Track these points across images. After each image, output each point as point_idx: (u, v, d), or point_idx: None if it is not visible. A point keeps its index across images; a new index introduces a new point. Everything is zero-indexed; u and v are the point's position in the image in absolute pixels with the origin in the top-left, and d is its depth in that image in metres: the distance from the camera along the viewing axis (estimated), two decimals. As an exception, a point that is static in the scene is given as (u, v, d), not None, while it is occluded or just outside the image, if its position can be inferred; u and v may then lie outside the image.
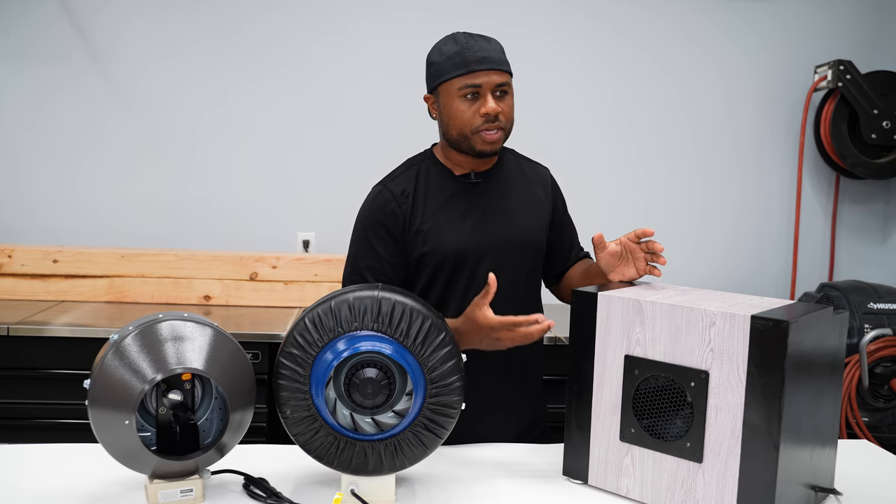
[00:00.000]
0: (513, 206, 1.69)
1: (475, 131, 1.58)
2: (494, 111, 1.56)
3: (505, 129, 1.60)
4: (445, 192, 1.66)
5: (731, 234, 3.42)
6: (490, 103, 1.55)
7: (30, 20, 3.04)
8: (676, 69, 3.32)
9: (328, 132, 3.19)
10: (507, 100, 1.59)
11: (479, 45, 1.58)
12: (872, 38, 3.39)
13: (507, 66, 1.60)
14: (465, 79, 1.56)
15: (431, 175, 1.67)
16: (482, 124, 1.57)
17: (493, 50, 1.59)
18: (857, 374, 2.80)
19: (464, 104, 1.57)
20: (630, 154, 3.34)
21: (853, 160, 3.24)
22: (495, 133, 1.58)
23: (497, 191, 1.69)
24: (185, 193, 3.16)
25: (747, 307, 1.27)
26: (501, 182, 1.70)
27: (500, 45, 1.62)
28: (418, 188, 1.66)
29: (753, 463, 1.21)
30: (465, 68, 1.56)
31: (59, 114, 3.09)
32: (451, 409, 1.28)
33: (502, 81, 1.57)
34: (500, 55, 1.60)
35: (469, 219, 1.65)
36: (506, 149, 1.77)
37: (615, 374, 1.37)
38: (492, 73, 1.56)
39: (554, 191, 1.80)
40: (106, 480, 1.37)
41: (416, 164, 1.71)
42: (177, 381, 1.30)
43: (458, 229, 1.63)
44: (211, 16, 3.11)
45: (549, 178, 1.80)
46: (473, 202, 1.66)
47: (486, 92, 1.56)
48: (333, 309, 1.26)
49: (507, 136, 1.63)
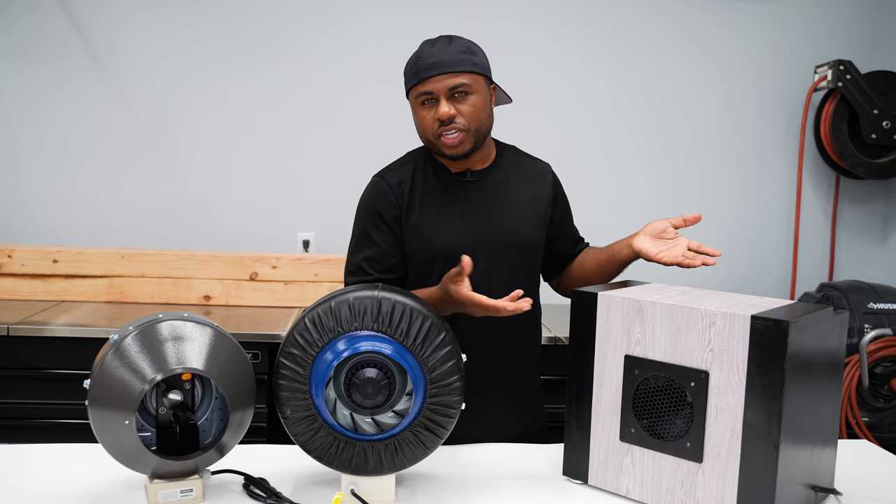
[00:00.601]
0: (509, 204, 1.68)
1: (436, 136, 1.58)
2: (445, 115, 1.55)
3: (468, 130, 1.58)
4: (441, 189, 1.66)
5: (731, 234, 3.41)
6: (442, 108, 1.55)
7: (29, 20, 3.04)
8: (676, 69, 3.32)
9: (328, 132, 3.19)
10: (468, 100, 1.57)
11: (433, 52, 1.57)
12: (872, 38, 3.39)
13: (465, 67, 1.57)
14: (419, 87, 1.58)
15: (429, 171, 1.68)
16: (438, 128, 1.57)
17: (449, 52, 1.57)
18: (857, 374, 2.80)
19: (423, 111, 1.59)
20: (630, 154, 3.34)
21: (853, 160, 3.24)
22: (454, 136, 1.57)
23: (493, 189, 1.68)
24: (185, 193, 3.16)
25: (747, 307, 1.27)
26: (499, 180, 1.69)
27: (464, 46, 1.60)
28: (415, 182, 1.66)
29: (753, 463, 1.21)
30: (416, 77, 1.58)
31: (58, 113, 3.09)
32: (451, 409, 1.28)
33: (456, 84, 1.55)
34: (458, 55, 1.57)
35: (463, 217, 1.65)
36: (506, 146, 1.77)
37: (615, 374, 1.37)
38: (443, 78, 1.55)
39: (555, 187, 1.78)
40: (106, 480, 1.37)
41: (414, 158, 1.71)
42: (177, 381, 1.30)
43: (452, 227, 1.63)
44: (209, 15, 3.11)
45: (549, 175, 1.79)
46: (468, 200, 1.66)
47: (439, 97, 1.56)
48: (333, 309, 1.26)
49: (476, 137, 1.60)
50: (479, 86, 1.59)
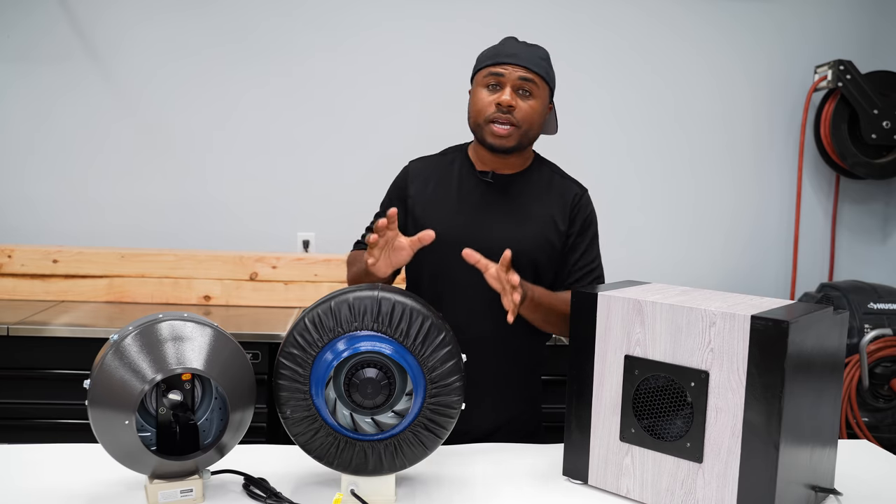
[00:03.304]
0: (519, 216, 1.66)
1: (487, 121, 1.60)
2: (507, 102, 1.57)
3: (519, 128, 1.59)
4: (458, 182, 1.68)
5: (730, 234, 3.42)
6: (506, 94, 1.58)
7: (31, 22, 3.04)
8: (678, 69, 3.32)
9: (328, 133, 3.18)
10: (529, 101, 1.60)
11: (516, 46, 1.62)
12: (872, 38, 3.39)
13: (540, 69, 1.61)
14: (493, 67, 1.60)
15: (456, 164, 1.71)
16: (493, 113, 1.58)
17: (531, 52, 1.62)
18: (857, 374, 2.80)
19: (484, 92, 1.61)
20: (630, 154, 3.34)
21: (853, 160, 3.24)
22: (506, 128, 1.58)
23: (507, 196, 1.67)
24: (186, 193, 3.16)
25: (747, 307, 1.27)
26: (518, 189, 1.68)
27: (544, 54, 1.64)
28: (434, 174, 1.70)
29: (753, 463, 1.21)
30: (493, 59, 1.61)
31: (60, 115, 3.09)
32: (451, 409, 1.28)
33: (527, 77, 1.58)
34: (538, 59, 1.62)
35: (468, 215, 1.65)
36: (543, 161, 1.76)
37: (615, 374, 1.37)
38: (518, 69, 1.58)
39: (577, 209, 1.71)
40: (106, 480, 1.37)
41: (450, 153, 1.75)
42: (177, 381, 1.30)
43: (455, 221, 1.63)
44: (208, 16, 3.11)
45: (573, 196, 1.72)
46: (478, 200, 1.66)
47: (506, 83, 1.59)
48: (333, 309, 1.26)
49: (523, 139, 1.61)
50: (543, 93, 1.63)
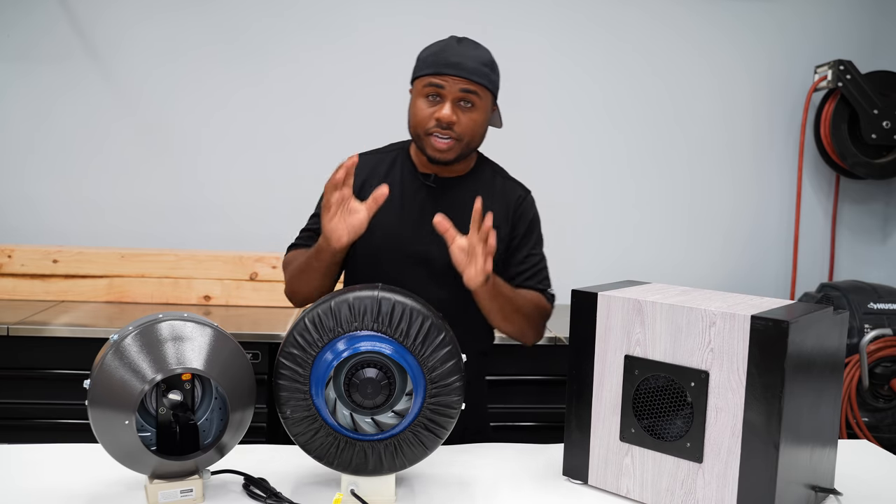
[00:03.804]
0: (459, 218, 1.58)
1: (427, 133, 1.54)
2: (447, 119, 1.51)
3: (460, 141, 1.54)
4: (400, 186, 1.63)
5: (731, 234, 3.42)
6: (445, 110, 1.51)
7: (31, 21, 3.04)
8: (678, 69, 3.32)
9: (328, 133, 3.18)
10: (471, 113, 1.54)
11: (458, 51, 1.53)
12: (872, 38, 3.39)
13: (483, 79, 1.53)
14: (432, 78, 1.53)
15: (398, 165, 1.66)
16: (433, 127, 1.53)
17: (474, 59, 1.53)
18: (857, 374, 2.80)
19: (424, 103, 1.54)
20: (630, 154, 3.34)
21: (853, 160, 3.24)
22: (446, 141, 1.53)
23: (450, 200, 1.62)
24: (186, 193, 3.16)
25: (747, 307, 1.27)
26: (460, 193, 1.63)
27: (488, 58, 1.56)
28: (377, 172, 1.65)
29: (753, 463, 1.21)
30: (433, 68, 1.53)
31: (60, 115, 3.09)
32: (451, 409, 1.28)
33: (468, 89, 1.51)
34: (480, 66, 1.53)
35: (411, 218, 1.61)
36: (487, 162, 1.72)
37: (615, 374, 1.37)
38: (459, 81, 1.51)
39: (519, 212, 1.67)
40: (106, 480, 1.37)
41: (390, 150, 1.70)
42: (177, 381, 1.30)
43: (398, 225, 1.59)
44: (210, 18, 3.11)
45: (516, 198, 1.68)
46: (421, 204, 1.62)
47: (447, 97, 1.52)
48: (333, 309, 1.26)
49: (465, 149, 1.56)
50: (486, 102, 1.56)
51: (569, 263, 3.30)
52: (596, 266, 3.27)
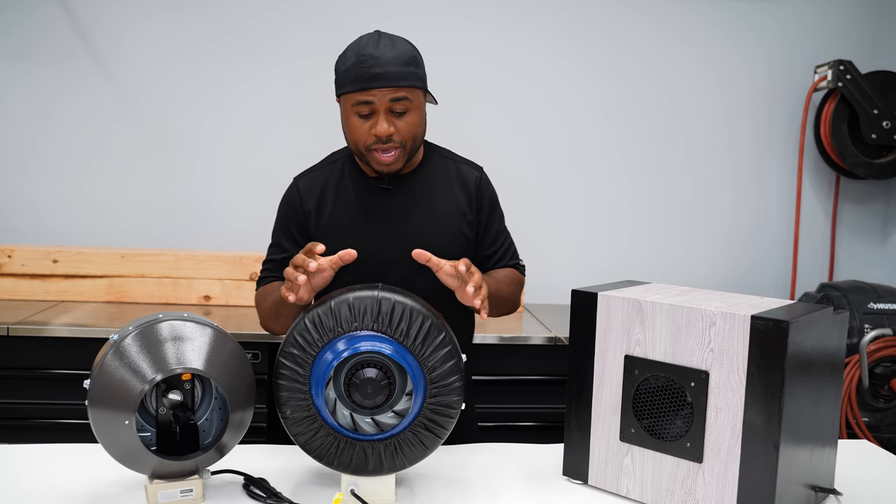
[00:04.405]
0: (427, 212, 1.59)
1: (369, 149, 1.51)
2: (385, 133, 1.48)
3: (404, 147, 1.52)
4: (356, 195, 1.60)
5: (731, 234, 3.42)
6: (381, 124, 1.47)
7: (31, 22, 3.04)
8: (678, 69, 3.32)
9: (327, 133, 3.17)
10: (407, 117, 1.50)
11: (376, 58, 1.47)
12: (872, 38, 3.39)
13: (410, 81, 1.49)
14: (358, 95, 1.48)
15: (346, 175, 1.62)
16: (374, 143, 1.50)
17: (394, 62, 1.47)
18: (857, 374, 2.80)
19: (358, 121, 1.50)
20: (629, 155, 3.34)
21: (853, 160, 3.24)
22: (390, 154, 1.50)
23: (410, 198, 1.60)
24: (186, 193, 3.16)
25: (747, 307, 1.27)
26: (418, 187, 1.61)
27: (408, 54, 1.51)
28: (328, 187, 1.62)
29: (753, 463, 1.21)
30: (356, 85, 1.47)
31: (60, 115, 3.09)
32: (451, 409, 1.28)
33: (398, 97, 1.48)
34: (403, 68, 1.48)
35: (376, 226, 1.58)
36: (434, 148, 1.69)
37: (615, 374, 1.37)
38: (386, 91, 1.47)
39: (480, 194, 1.66)
40: (106, 480, 1.37)
41: (336, 160, 1.66)
42: (177, 381, 1.30)
43: (364, 236, 1.56)
44: (210, 18, 3.11)
45: (474, 180, 1.66)
46: (384, 208, 1.59)
47: (379, 110, 1.48)
48: (333, 309, 1.26)
49: (410, 153, 1.54)
50: (419, 101, 1.53)
51: (569, 264, 3.31)
52: (596, 266, 3.27)
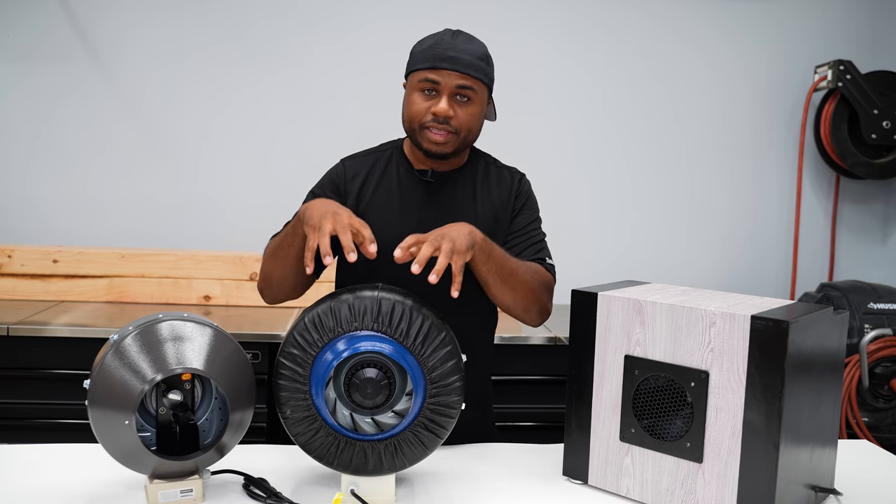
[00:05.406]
0: (462, 212, 1.60)
1: (423, 126, 1.54)
2: (444, 112, 1.50)
3: (457, 134, 1.54)
4: (398, 183, 1.62)
5: (730, 234, 3.42)
6: (442, 104, 1.51)
7: (31, 22, 3.04)
8: (677, 69, 3.32)
9: (327, 134, 3.19)
10: (468, 107, 1.53)
11: (454, 45, 1.53)
12: (872, 39, 3.39)
13: (479, 73, 1.53)
14: (427, 73, 1.52)
15: (393, 164, 1.65)
16: (430, 121, 1.52)
17: (470, 53, 1.53)
18: (857, 374, 2.80)
19: (420, 97, 1.54)
20: (629, 155, 3.34)
21: (853, 160, 3.24)
22: (442, 134, 1.52)
23: (450, 194, 1.62)
24: (186, 194, 3.16)
25: (747, 307, 1.27)
26: (459, 187, 1.63)
27: (483, 52, 1.56)
28: (371, 174, 1.64)
29: (753, 463, 1.21)
30: (429, 63, 1.52)
31: (61, 116, 3.09)
32: (451, 409, 1.28)
33: (464, 85, 1.51)
34: (476, 60, 1.53)
35: (411, 216, 1.60)
36: (481, 154, 1.71)
37: (615, 374, 1.37)
38: (455, 76, 1.51)
39: (517, 196, 1.68)
40: (106, 480, 1.37)
41: (384, 150, 1.69)
42: (177, 381, 1.30)
43: (400, 226, 1.56)
44: (212, 21, 3.11)
45: (513, 184, 1.68)
46: (421, 201, 1.61)
47: (443, 91, 1.52)
48: (333, 309, 1.26)
49: (461, 144, 1.56)
50: (482, 96, 1.56)
51: (568, 263, 3.30)
52: (596, 266, 3.27)
